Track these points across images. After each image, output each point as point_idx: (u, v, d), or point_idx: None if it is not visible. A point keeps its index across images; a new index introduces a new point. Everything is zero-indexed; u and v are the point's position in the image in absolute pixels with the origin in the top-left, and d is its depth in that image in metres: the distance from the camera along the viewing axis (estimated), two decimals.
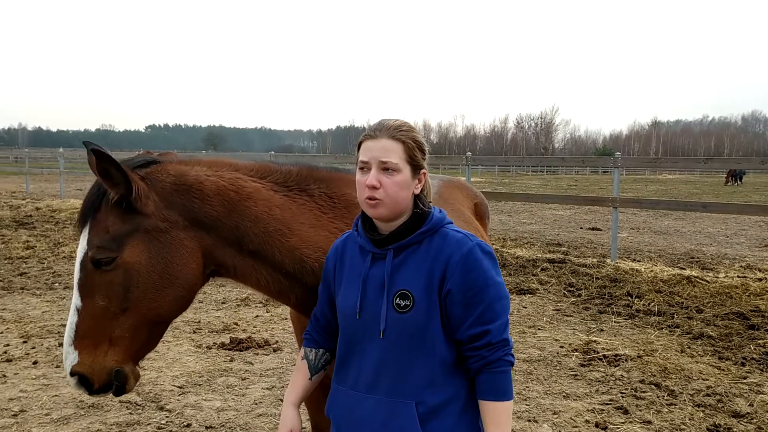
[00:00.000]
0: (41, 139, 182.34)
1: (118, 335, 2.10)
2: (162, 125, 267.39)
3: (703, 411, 4.61)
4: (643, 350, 5.96)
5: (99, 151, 2.01)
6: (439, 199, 3.59)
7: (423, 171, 1.99)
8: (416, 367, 1.88)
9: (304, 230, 2.33)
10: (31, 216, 16.34)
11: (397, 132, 1.94)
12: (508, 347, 1.88)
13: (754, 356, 5.79)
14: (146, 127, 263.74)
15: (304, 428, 3.99)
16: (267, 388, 5.00)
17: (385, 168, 1.90)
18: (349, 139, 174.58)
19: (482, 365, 1.85)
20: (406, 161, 1.92)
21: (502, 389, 1.86)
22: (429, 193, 2.07)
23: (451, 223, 2.01)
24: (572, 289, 8.55)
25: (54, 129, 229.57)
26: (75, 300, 2.10)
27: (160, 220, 2.14)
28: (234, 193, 2.25)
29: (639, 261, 10.81)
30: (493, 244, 11.76)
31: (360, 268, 2.00)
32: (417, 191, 1.98)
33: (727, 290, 8.24)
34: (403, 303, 1.87)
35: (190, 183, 2.21)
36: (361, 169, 1.94)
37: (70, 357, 2.08)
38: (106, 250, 2.06)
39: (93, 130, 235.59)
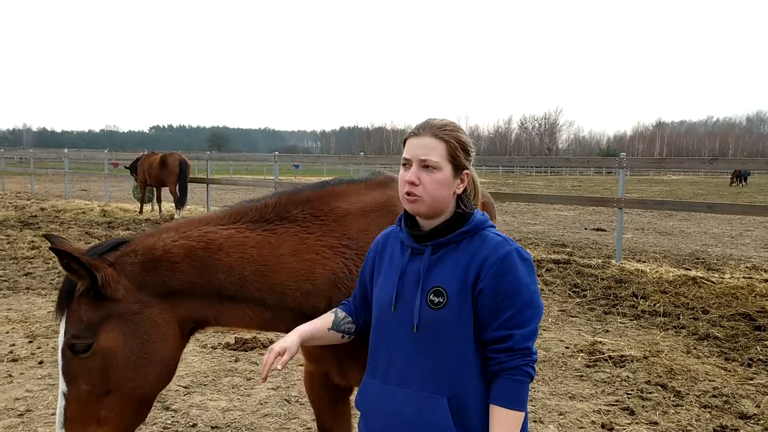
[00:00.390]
0: (46, 139, 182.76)
1: (105, 416, 2.13)
2: (166, 126, 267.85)
3: (709, 412, 4.59)
4: (649, 351, 5.94)
5: (57, 249, 2.04)
6: None
7: (466, 171, 2.00)
8: (448, 363, 1.88)
9: (285, 261, 2.32)
10: (36, 216, 16.37)
11: (441, 131, 1.95)
12: (530, 358, 1.86)
13: (761, 357, 5.77)
14: (150, 128, 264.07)
15: (309, 429, 4.00)
16: (272, 389, 5.00)
17: (426, 165, 1.92)
18: (353, 139, 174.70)
19: (500, 369, 1.85)
20: (447, 160, 1.94)
21: (515, 398, 1.84)
22: (476, 194, 2.08)
23: (493, 226, 2.02)
24: (577, 289, 8.53)
25: (59, 130, 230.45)
26: (61, 385, 2.14)
27: (132, 303, 2.15)
28: (203, 251, 2.25)
29: (644, 262, 10.78)
30: None
31: (399, 262, 2.02)
32: (459, 191, 2.00)
33: (732, 291, 8.20)
34: (436, 299, 1.89)
35: (158, 257, 2.21)
36: (404, 165, 1.98)
37: None
38: (81, 338, 2.09)
39: (97, 130, 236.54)
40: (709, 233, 15.96)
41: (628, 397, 4.86)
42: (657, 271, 9.52)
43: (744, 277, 9.25)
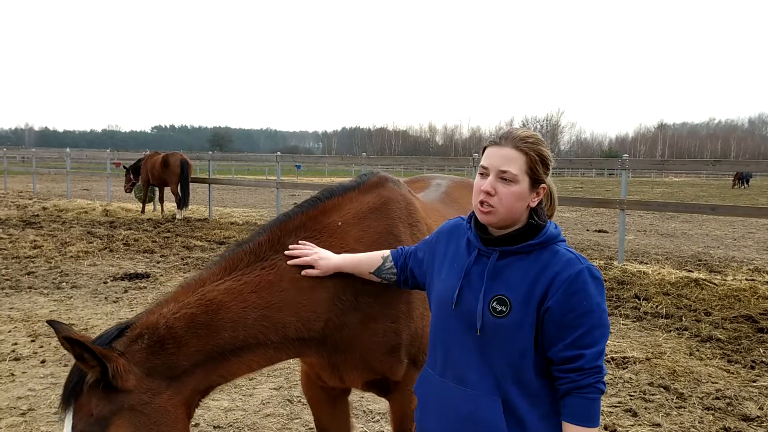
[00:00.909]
0: (48, 139, 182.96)
1: None
2: (168, 126, 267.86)
3: (712, 414, 4.58)
4: (652, 353, 5.93)
5: (69, 337, 1.94)
6: (447, 198, 3.60)
7: (543, 185, 1.98)
8: (505, 367, 1.91)
9: (286, 296, 2.29)
10: (38, 215, 16.40)
11: (522, 143, 1.93)
12: (601, 374, 1.86)
13: (764, 359, 5.76)
14: (152, 128, 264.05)
15: (312, 429, 3.98)
16: (274, 389, 5.00)
17: (503, 177, 1.90)
18: (355, 140, 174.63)
19: (572, 388, 1.85)
20: (525, 173, 1.92)
21: (590, 415, 1.85)
22: (552, 206, 2.08)
23: (564, 241, 2.00)
24: None
25: (60, 129, 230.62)
26: None
27: (142, 392, 2.06)
28: (204, 315, 2.18)
29: (646, 263, 10.77)
30: None
31: (464, 260, 2.03)
32: (533, 204, 1.97)
33: (735, 293, 8.19)
34: (499, 308, 1.89)
35: (163, 336, 2.12)
36: (481, 174, 1.96)
37: None
38: None
39: (99, 130, 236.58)
40: (711, 235, 15.94)
41: (631, 399, 4.86)
42: (659, 273, 9.51)
43: (746, 279, 9.24)
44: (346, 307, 2.40)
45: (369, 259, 2.32)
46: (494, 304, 1.89)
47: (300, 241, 2.37)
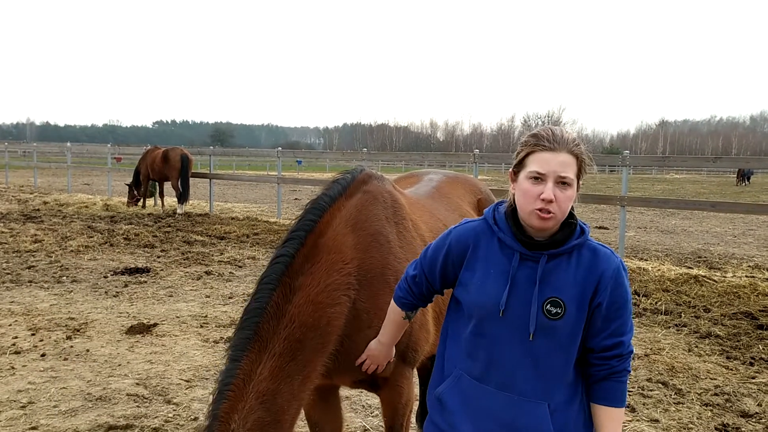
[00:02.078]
0: (49, 133, 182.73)
1: None
2: (169, 121, 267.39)
3: (711, 410, 4.59)
4: (651, 349, 5.94)
5: None
6: (437, 193, 3.58)
7: (581, 183, 2.00)
8: (555, 370, 1.94)
9: (313, 343, 2.34)
10: (38, 210, 16.41)
11: (575, 146, 1.95)
12: (630, 358, 1.99)
13: (763, 356, 5.76)
14: (153, 123, 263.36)
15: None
16: None
17: (563, 182, 1.91)
18: (356, 136, 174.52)
19: (609, 373, 1.96)
20: (577, 175, 1.95)
21: (623, 396, 1.99)
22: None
23: (590, 237, 2.05)
24: None
25: (62, 124, 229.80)
26: None
27: None
28: (267, 412, 2.23)
29: (646, 260, 10.78)
30: None
31: (503, 264, 1.99)
32: (574, 203, 2.00)
33: (735, 290, 8.20)
34: (554, 310, 1.91)
35: None
36: (535, 178, 1.92)
37: None
38: None
39: (100, 125, 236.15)
40: (711, 232, 15.94)
41: (630, 395, 4.86)
42: (659, 270, 9.52)
43: (746, 276, 9.25)
44: (351, 322, 2.47)
45: (398, 324, 2.39)
46: (548, 306, 1.92)
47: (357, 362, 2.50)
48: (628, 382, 2.01)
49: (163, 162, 16.94)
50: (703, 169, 72.90)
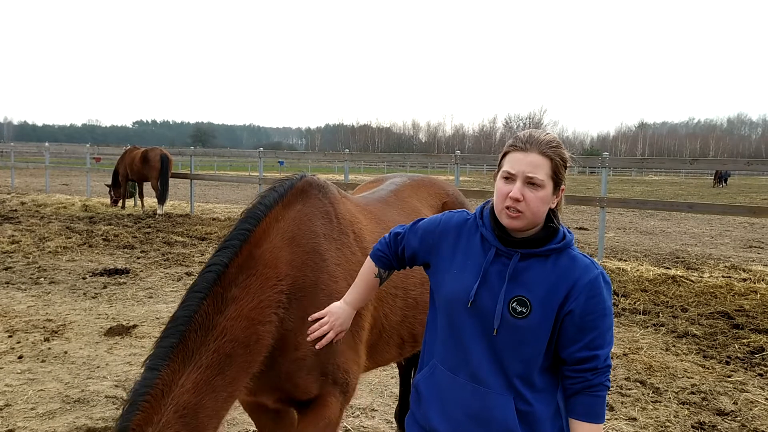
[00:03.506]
0: (27, 133, 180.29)
1: None
2: (149, 121, 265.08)
3: (687, 409, 4.65)
4: (629, 348, 6.01)
5: None
6: (393, 198, 3.52)
7: (562, 187, 2.01)
8: (517, 368, 1.95)
9: (242, 360, 2.27)
10: (16, 210, 16.18)
11: (548, 148, 1.95)
12: (609, 373, 1.96)
13: (739, 355, 5.86)
14: (133, 123, 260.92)
15: None
16: None
17: (531, 183, 1.92)
18: (338, 136, 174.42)
19: (584, 387, 1.94)
20: (550, 177, 1.94)
21: (597, 412, 1.94)
22: (559, 205, 2.08)
23: (574, 246, 2.05)
24: None
25: (40, 123, 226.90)
26: None
27: None
28: (186, 426, 2.12)
29: (625, 260, 10.89)
30: None
31: (479, 258, 2.03)
32: (554, 206, 2.01)
33: (711, 290, 8.32)
34: (519, 309, 1.92)
35: None
36: (506, 178, 1.95)
37: None
38: None
39: (79, 124, 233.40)
40: (689, 233, 16.15)
41: (608, 393, 4.91)
42: (638, 270, 9.63)
43: (723, 276, 9.39)
44: (277, 342, 2.40)
45: (368, 282, 2.35)
46: (514, 304, 1.92)
47: (309, 318, 2.37)
48: (607, 397, 1.99)
49: (142, 162, 16.79)
50: (681, 171, 73.83)
